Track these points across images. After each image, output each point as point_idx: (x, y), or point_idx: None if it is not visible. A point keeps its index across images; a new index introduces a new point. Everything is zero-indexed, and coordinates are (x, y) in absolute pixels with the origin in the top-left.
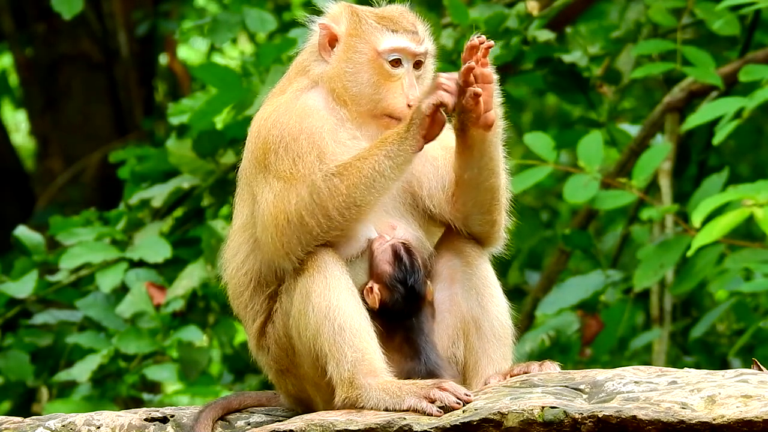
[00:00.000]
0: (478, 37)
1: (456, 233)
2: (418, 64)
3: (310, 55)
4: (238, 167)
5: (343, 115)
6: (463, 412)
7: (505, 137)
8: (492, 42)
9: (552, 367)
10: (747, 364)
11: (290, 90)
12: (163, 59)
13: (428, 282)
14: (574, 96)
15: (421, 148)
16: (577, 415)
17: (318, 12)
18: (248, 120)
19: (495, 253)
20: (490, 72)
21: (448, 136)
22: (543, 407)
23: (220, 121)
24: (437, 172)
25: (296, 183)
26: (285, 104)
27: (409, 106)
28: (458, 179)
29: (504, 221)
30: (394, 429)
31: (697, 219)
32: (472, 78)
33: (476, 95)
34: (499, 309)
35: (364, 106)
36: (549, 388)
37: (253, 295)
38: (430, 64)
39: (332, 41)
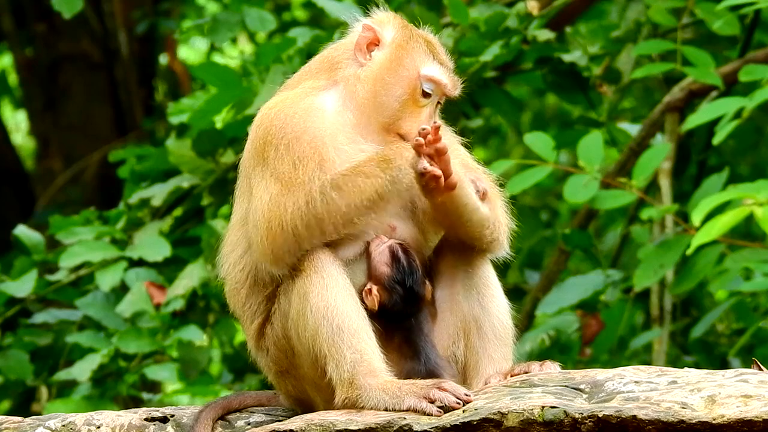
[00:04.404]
0: (422, 129)
1: None
2: (438, 104)
3: (343, 53)
4: (239, 165)
5: (350, 119)
6: (463, 411)
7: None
8: (438, 122)
9: (552, 367)
10: (747, 364)
11: (302, 87)
12: (163, 59)
13: (427, 282)
14: (574, 96)
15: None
16: (577, 415)
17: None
18: (248, 119)
19: (500, 258)
20: (443, 145)
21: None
22: (543, 407)
23: (219, 120)
24: None
25: (294, 190)
26: (292, 98)
27: None
28: (441, 224)
29: (505, 232)
30: (394, 429)
31: (697, 218)
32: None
33: (437, 177)
34: (499, 309)
35: (384, 118)
36: (549, 388)
37: (250, 294)
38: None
39: (371, 45)
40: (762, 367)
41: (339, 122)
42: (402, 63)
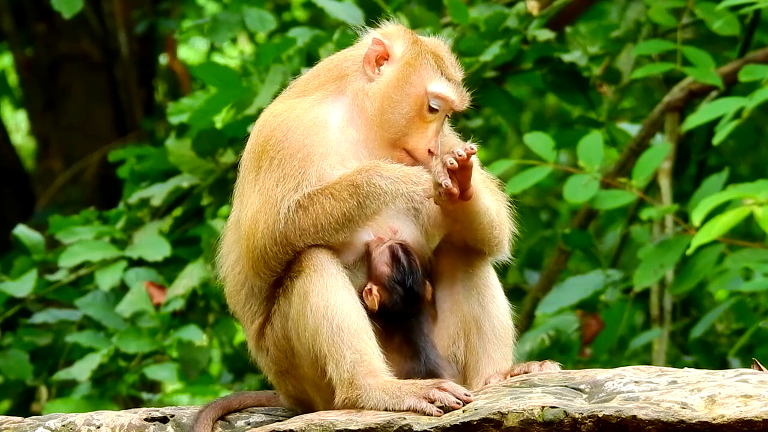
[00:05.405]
0: (459, 156)
1: None
2: (445, 117)
3: (352, 64)
4: (238, 166)
5: (354, 135)
6: (463, 411)
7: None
8: (474, 147)
9: (552, 367)
10: (747, 364)
11: (313, 97)
12: (163, 59)
13: (427, 282)
14: (573, 96)
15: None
16: (577, 415)
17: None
18: (248, 119)
19: (501, 261)
20: (470, 163)
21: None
22: (543, 407)
23: (219, 120)
24: None
25: (268, 208)
26: (298, 110)
27: (429, 151)
28: (449, 228)
29: (508, 235)
30: (394, 429)
31: (697, 218)
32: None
33: (452, 194)
34: (499, 309)
35: (390, 134)
36: (549, 388)
37: (250, 295)
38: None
39: (380, 59)
40: (762, 367)
41: (342, 138)
42: (409, 80)
